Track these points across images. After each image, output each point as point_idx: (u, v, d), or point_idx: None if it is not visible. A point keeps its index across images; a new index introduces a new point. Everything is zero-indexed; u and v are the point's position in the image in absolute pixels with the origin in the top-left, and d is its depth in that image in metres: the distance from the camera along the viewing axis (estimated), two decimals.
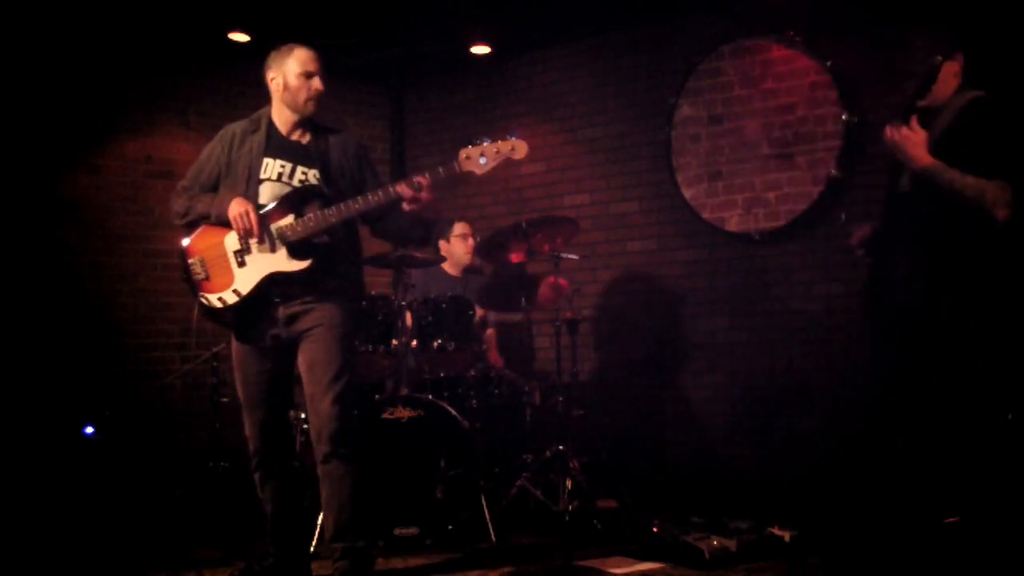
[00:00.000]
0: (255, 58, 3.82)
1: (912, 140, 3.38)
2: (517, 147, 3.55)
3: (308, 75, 3.65)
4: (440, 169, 3.57)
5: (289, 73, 3.65)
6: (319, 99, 3.69)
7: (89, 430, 5.32)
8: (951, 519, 3.81)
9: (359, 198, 3.58)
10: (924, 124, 3.49)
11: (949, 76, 3.47)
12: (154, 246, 5.95)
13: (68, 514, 4.89)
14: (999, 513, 3.85)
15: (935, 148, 3.40)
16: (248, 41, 5.88)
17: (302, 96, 3.66)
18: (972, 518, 3.75)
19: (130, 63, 5.84)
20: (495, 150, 3.53)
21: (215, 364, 5.30)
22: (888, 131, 3.47)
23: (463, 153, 3.54)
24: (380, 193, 3.58)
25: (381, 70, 6.83)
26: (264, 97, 3.76)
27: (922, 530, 3.47)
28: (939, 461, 3.58)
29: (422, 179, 3.55)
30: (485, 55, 6.54)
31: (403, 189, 3.55)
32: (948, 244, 3.37)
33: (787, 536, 4.10)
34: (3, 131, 5.33)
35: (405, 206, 3.60)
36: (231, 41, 5.90)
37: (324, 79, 3.68)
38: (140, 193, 5.94)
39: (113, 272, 5.82)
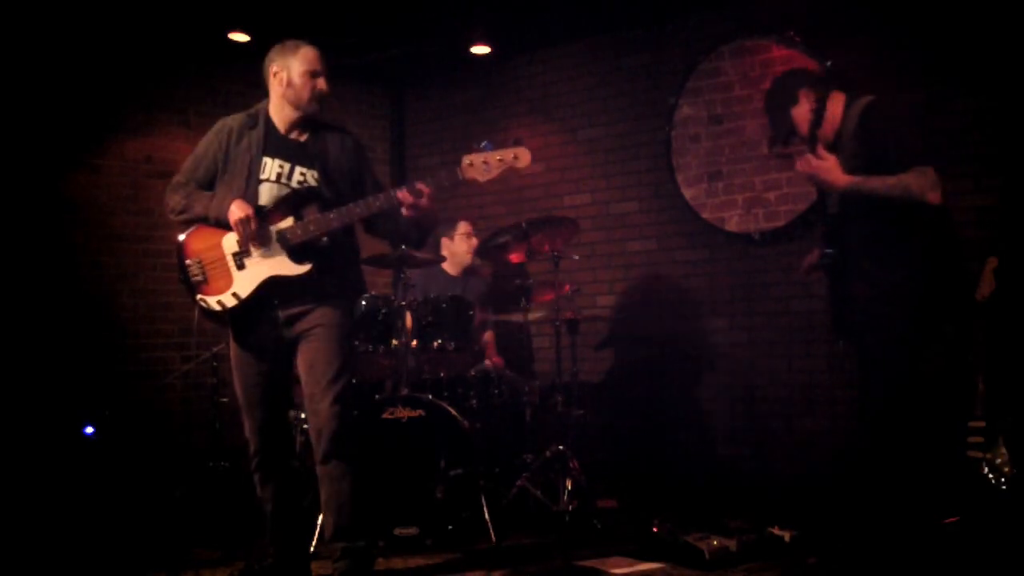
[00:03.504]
0: (255, 58, 3.81)
1: (824, 167, 3.50)
2: (520, 155, 3.49)
3: (313, 74, 3.62)
4: (443, 175, 3.53)
5: (294, 70, 3.61)
6: (322, 99, 3.66)
7: (89, 430, 5.32)
8: (951, 519, 3.83)
9: (360, 202, 3.55)
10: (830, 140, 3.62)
11: (834, 105, 3.64)
12: (154, 246, 5.94)
13: (68, 514, 4.89)
14: (999, 513, 3.86)
15: (846, 153, 3.52)
16: (248, 41, 5.88)
17: (305, 94, 3.62)
18: (972, 518, 3.77)
19: (130, 63, 5.84)
20: (498, 158, 3.48)
21: (215, 364, 5.30)
22: (799, 164, 3.59)
23: (466, 160, 3.49)
24: (381, 198, 3.55)
25: (381, 70, 6.83)
26: (263, 97, 3.74)
27: (922, 530, 3.48)
28: (930, 464, 3.62)
29: (423, 186, 3.51)
30: (485, 55, 6.54)
31: (404, 195, 3.51)
32: (893, 258, 3.45)
33: (787, 536, 4.10)
34: (3, 131, 5.33)
35: (404, 211, 3.56)
36: (231, 41, 5.90)
37: (329, 79, 3.66)
38: (140, 193, 5.93)
39: (113, 272, 5.82)
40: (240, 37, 5.86)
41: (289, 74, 3.62)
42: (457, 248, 5.62)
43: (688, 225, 5.92)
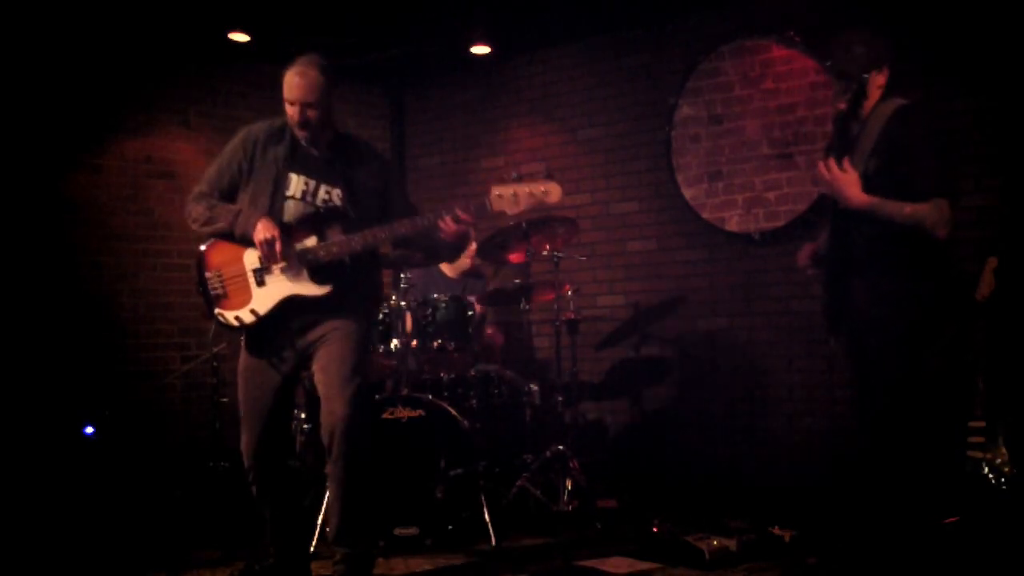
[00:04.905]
0: (255, 58, 3.81)
1: (845, 180, 3.32)
2: (550, 190, 3.45)
3: (290, 103, 3.54)
4: (472, 206, 3.49)
5: (284, 97, 3.55)
6: (307, 129, 3.55)
7: (89, 430, 5.32)
8: (951, 519, 3.82)
9: (385, 227, 3.52)
10: (849, 134, 3.46)
11: (874, 88, 3.47)
12: (154, 246, 5.95)
13: (68, 514, 4.89)
14: (999, 513, 3.86)
15: (868, 157, 3.37)
16: (248, 41, 5.87)
17: (293, 122, 3.57)
18: (972, 518, 3.76)
19: (130, 63, 5.84)
20: (528, 191, 3.43)
21: (215, 364, 5.30)
22: (821, 168, 3.40)
23: (495, 191, 3.45)
24: (407, 224, 3.52)
25: (381, 70, 6.83)
26: (263, 97, 3.72)
27: (922, 530, 3.48)
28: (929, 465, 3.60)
29: (465, 215, 3.47)
30: (485, 55, 6.54)
31: (447, 224, 3.48)
32: (897, 261, 3.36)
33: (787, 536, 4.11)
34: (3, 131, 5.33)
35: (441, 233, 3.53)
36: (231, 41, 5.89)
37: (304, 107, 3.50)
38: (140, 193, 5.94)
39: (113, 272, 5.82)
40: (240, 37, 5.85)
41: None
42: None
43: (688, 225, 5.92)
